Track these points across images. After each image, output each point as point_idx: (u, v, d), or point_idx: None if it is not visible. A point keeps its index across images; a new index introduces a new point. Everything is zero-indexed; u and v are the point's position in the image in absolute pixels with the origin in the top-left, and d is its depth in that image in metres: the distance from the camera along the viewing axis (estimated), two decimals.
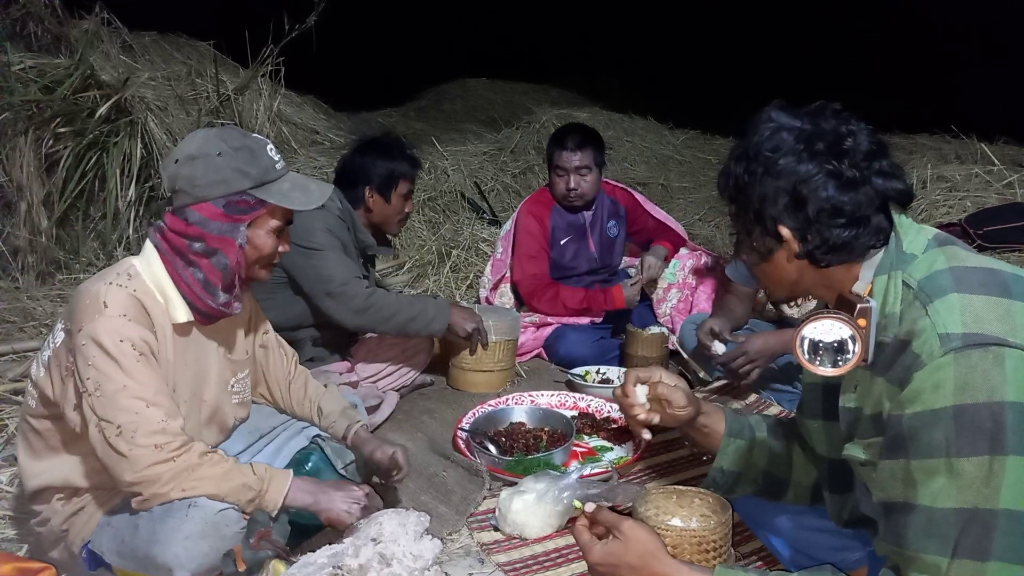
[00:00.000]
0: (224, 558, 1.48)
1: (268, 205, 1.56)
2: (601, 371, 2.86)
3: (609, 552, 1.20)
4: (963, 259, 1.11)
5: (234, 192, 1.52)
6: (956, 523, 0.98)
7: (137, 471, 1.43)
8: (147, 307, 1.49)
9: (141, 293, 1.50)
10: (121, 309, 1.45)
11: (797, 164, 1.13)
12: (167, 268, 1.54)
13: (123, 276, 1.50)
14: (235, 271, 1.56)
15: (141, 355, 1.45)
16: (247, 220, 1.55)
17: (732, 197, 1.23)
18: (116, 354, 1.42)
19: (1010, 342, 0.99)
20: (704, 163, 6.46)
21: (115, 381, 1.42)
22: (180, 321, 1.55)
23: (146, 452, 1.43)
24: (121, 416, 1.42)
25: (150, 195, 3.81)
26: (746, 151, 1.19)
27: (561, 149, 3.06)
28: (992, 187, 4.49)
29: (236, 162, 1.52)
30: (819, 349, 1.13)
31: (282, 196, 1.56)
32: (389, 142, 2.62)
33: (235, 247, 1.54)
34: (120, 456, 1.42)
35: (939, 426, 1.00)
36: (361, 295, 2.33)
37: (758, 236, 1.20)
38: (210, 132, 1.61)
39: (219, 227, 1.53)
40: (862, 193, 1.13)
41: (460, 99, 8.31)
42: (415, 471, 2.15)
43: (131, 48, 4.69)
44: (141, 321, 1.47)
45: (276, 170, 1.58)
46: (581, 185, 3.07)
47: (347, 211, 2.47)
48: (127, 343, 1.43)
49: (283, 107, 5.10)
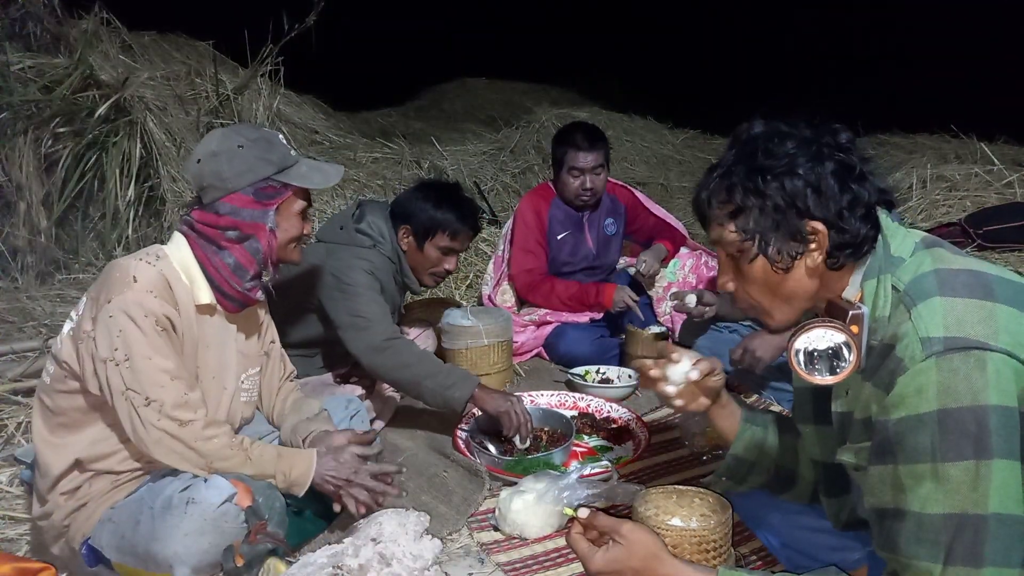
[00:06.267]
0: (224, 553, 1.48)
1: (292, 188, 1.66)
2: (601, 371, 2.86)
3: (612, 559, 1.16)
4: (949, 261, 1.10)
5: (260, 179, 1.62)
6: (946, 529, 0.98)
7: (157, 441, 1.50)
8: (172, 286, 1.57)
9: (168, 272, 1.58)
10: (149, 285, 1.52)
11: (814, 159, 1.11)
12: (195, 252, 1.63)
13: (152, 256, 1.59)
14: (267, 255, 1.66)
15: (163, 330, 1.53)
16: (275, 205, 1.65)
17: (740, 207, 1.14)
18: (144, 326, 1.49)
19: (991, 346, 0.98)
20: (704, 163, 6.46)
21: (142, 353, 1.49)
22: (203, 302, 1.63)
23: (171, 425, 1.51)
24: (149, 388, 1.49)
25: (149, 195, 3.81)
26: (752, 156, 1.14)
27: (576, 150, 3.03)
28: (992, 187, 4.49)
29: (257, 151, 1.62)
30: (815, 358, 1.12)
31: (302, 178, 1.67)
32: (450, 191, 2.46)
33: (266, 231, 1.64)
34: (146, 428, 1.50)
35: (924, 431, 0.99)
36: (384, 334, 2.21)
37: (781, 241, 1.12)
38: (225, 130, 1.70)
39: (251, 214, 1.62)
40: (867, 187, 1.13)
41: (460, 99, 8.32)
42: (416, 471, 2.15)
43: (130, 48, 4.68)
44: (166, 298, 1.55)
45: (292, 156, 1.68)
46: (596, 184, 3.07)
47: (396, 250, 2.41)
48: (151, 318, 1.51)
49: (282, 107, 5.10)
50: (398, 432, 2.44)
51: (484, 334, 2.74)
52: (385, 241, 2.38)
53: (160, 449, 1.52)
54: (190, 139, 4.07)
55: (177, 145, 4.02)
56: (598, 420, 2.47)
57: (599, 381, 2.80)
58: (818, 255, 1.13)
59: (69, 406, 1.58)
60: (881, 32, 9.92)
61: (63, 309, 3.17)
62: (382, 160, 5.27)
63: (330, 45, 5.01)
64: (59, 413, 1.58)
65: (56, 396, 1.58)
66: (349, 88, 7.12)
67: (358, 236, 2.36)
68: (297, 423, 1.83)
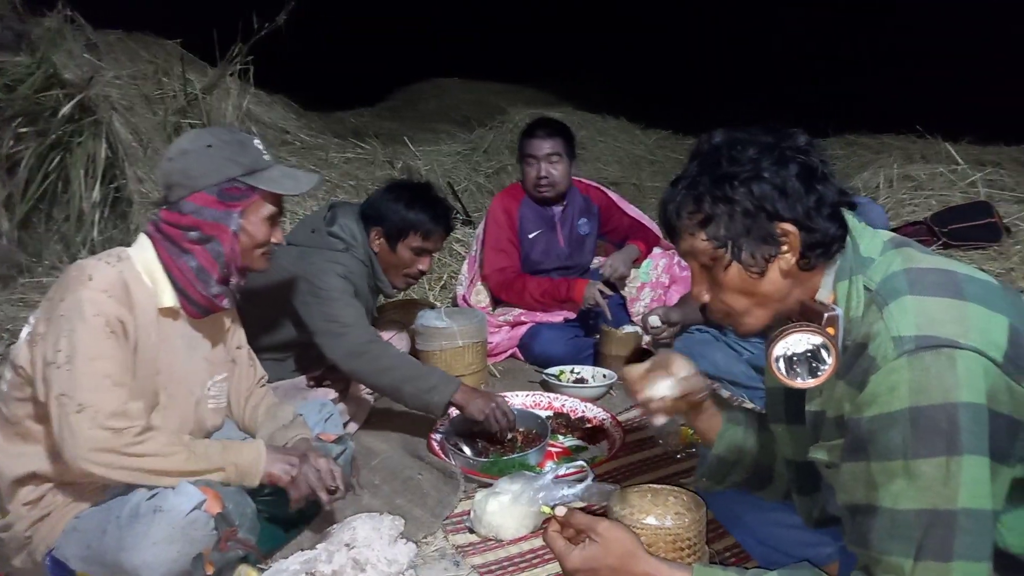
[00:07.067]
0: (194, 562, 1.45)
1: (259, 192, 1.62)
2: (575, 371, 2.87)
3: (588, 557, 1.17)
4: (918, 260, 1.12)
5: (226, 179, 1.58)
6: (917, 524, 1.00)
7: (86, 453, 1.41)
8: (131, 288, 1.53)
9: (128, 274, 1.54)
10: (105, 285, 1.48)
11: (777, 163, 1.13)
12: (160, 255, 1.59)
13: (113, 257, 1.55)
14: (230, 259, 1.61)
15: (112, 333, 1.47)
16: (240, 207, 1.60)
17: (709, 215, 1.14)
18: (93, 325, 1.45)
19: (962, 343, 1.00)
20: (676, 163, 6.52)
21: (86, 354, 1.44)
22: (165, 305, 1.59)
23: (103, 435, 1.41)
24: (86, 393, 1.42)
25: (115, 196, 3.73)
26: (716, 165, 1.15)
27: (531, 138, 3.09)
28: (957, 186, 4.60)
29: (227, 152, 1.59)
30: (794, 363, 1.13)
31: (271, 182, 1.62)
32: (421, 190, 2.44)
33: (229, 234, 1.59)
34: (75, 437, 1.41)
35: (896, 428, 1.01)
36: (362, 338, 2.19)
37: (753, 246, 1.13)
38: (201, 130, 1.69)
39: (213, 214, 1.58)
40: (830, 188, 1.14)
41: (433, 99, 8.29)
42: (390, 474, 2.13)
43: (95, 46, 4.57)
44: (121, 300, 1.50)
45: (264, 160, 1.64)
46: (551, 173, 3.07)
47: (369, 254, 2.39)
48: (102, 317, 1.46)
49: (252, 107, 5.03)
50: (372, 435, 2.42)
51: (458, 335, 2.72)
52: (358, 244, 2.36)
53: (87, 459, 1.41)
54: (157, 139, 4.00)
55: (144, 145, 3.95)
56: (573, 420, 2.48)
57: (574, 381, 2.81)
58: (791, 256, 1.15)
59: (24, 414, 1.53)
60: (851, 36, 10.10)
61: (25, 314, 3.08)
62: (354, 160, 5.23)
63: (301, 44, 4.96)
64: (15, 422, 1.54)
65: (13, 404, 1.54)
66: (321, 88, 7.05)
67: (331, 240, 2.33)
68: (274, 431, 1.79)
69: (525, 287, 3.08)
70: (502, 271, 3.12)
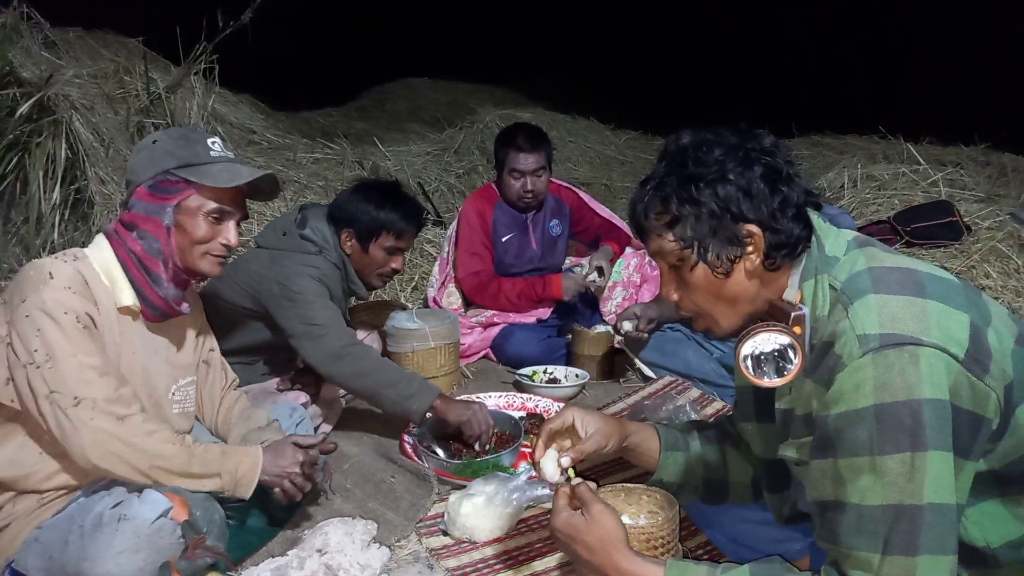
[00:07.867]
0: (160, 570, 1.42)
1: (195, 186, 1.56)
2: (548, 371, 2.87)
3: (571, 524, 1.24)
4: (882, 259, 1.14)
5: (160, 172, 1.55)
6: (884, 520, 1.01)
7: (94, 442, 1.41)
8: (91, 285, 1.51)
9: (86, 271, 1.52)
10: (66, 282, 1.46)
11: (742, 164, 1.14)
12: (118, 254, 1.57)
13: (69, 256, 1.54)
14: (168, 255, 1.57)
15: (84, 327, 1.46)
16: (173, 201, 1.56)
17: (676, 216, 1.17)
18: (64, 323, 1.43)
19: (924, 341, 1.02)
20: (646, 163, 6.56)
21: (66, 351, 1.42)
22: (124, 304, 1.56)
23: (109, 422, 1.42)
24: (77, 387, 1.41)
25: (76, 198, 3.64)
26: (683, 166, 1.16)
27: (517, 151, 3.03)
28: (919, 185, 4.70)
29: (168, 146, 1.57)
30: (762, 362, 1.14)
31: (205, 175, 1.56)
32: (390, 189, 2.42)
33: (162, 228, 1.56)
34: (79, 429, 1.41)
35: (862, 425, 1.02)
36: (342, 340, 2.15)
37: (719, 247, 1.15)
38: (164, 130, 1.70)
39: (146, 207, 1.56)
40: (795, 188, 1.16)
41: (403, 99, 8.23)
42: (362, 477, 2.11)
43: (54, 44, 4.47)
44: (85, 295, 1.48)
45: (209, 155, 1.58)
46: (537, 186, 3.07)
47: (342, 256, 2.35)
48: (71, 314, 1.44)
49: (218, 106, 4.95)
50: (344, 437, 2.39)
51: (430, 336, 2.71)
52: (330, 247, 2.33)
53: (96, 451, 1.41)
54: (119, 139, 3.91)
55: (105, 146, 3.86)
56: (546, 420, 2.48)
57: (547, 381, 2.81)
58: (756, 257, 1.16)
59: None
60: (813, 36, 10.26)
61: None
62: (323, 161, 5.18)
63: (268, 43, 4.89)
64: None
65: None
66: (288, 87, 6.97)
67: (303, 243, 2.30)
68: (247, 432, 1.77)
69: (500, 289, 3.07)
70: (476, 275, 3.11)
